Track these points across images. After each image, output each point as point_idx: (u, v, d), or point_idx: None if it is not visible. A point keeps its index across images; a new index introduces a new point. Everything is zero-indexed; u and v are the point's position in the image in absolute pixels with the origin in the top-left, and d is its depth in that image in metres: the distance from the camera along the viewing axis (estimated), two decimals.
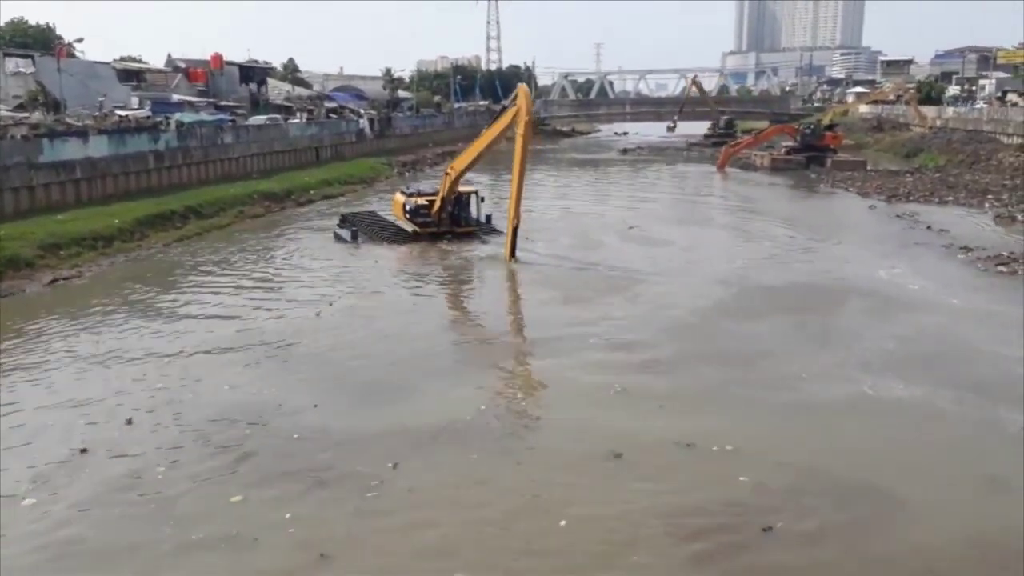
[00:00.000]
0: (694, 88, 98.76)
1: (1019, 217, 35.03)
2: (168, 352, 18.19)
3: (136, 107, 51.11)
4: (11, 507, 11.46)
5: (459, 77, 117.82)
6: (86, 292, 24.18)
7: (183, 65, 68.29)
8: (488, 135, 28.80)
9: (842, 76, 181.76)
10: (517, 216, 26.80)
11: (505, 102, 27.56)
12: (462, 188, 31.97)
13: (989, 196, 41.04)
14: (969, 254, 27.68)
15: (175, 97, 58.37)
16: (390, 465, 12.52)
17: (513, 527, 10.95)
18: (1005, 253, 27.22)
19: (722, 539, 10.58)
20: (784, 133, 66.75)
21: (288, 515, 11.17)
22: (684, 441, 13.29)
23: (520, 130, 26.55)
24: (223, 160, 44.95)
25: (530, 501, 11.57)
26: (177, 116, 47.18)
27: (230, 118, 52.88)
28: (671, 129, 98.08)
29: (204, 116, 50.71)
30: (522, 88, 28.39)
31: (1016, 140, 56.28)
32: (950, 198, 41.90)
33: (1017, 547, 10.45)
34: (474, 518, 11.18)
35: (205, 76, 66.68)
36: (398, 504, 11.58)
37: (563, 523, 10.93)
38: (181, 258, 29.23)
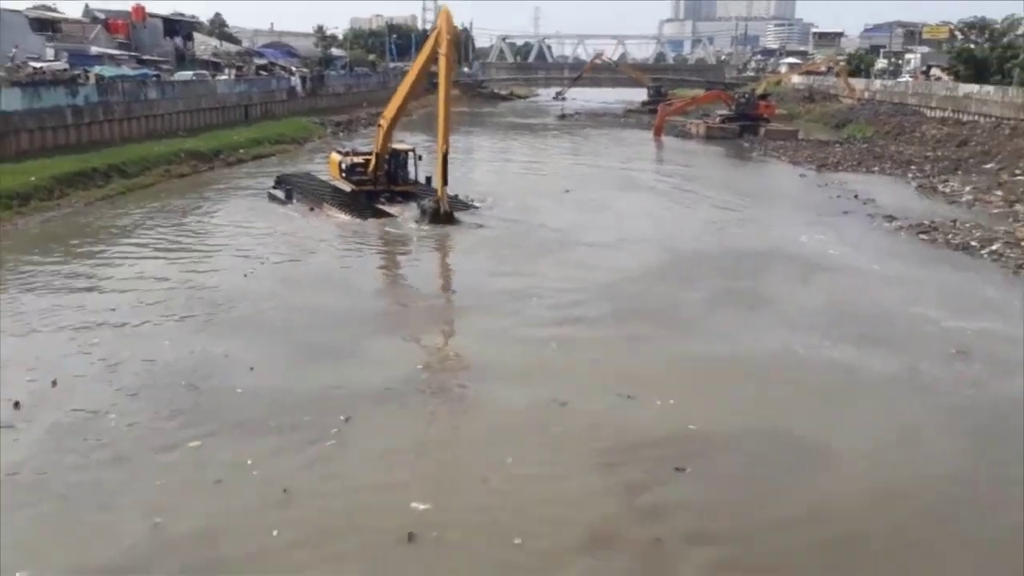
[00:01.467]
0: (597, 60, 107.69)
1: (940, 187, 36.32)
2: (97, 311, 17.56)
3: (52, 59, 48.46)
4: None
5: (395, 36, 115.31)
6: (1, 250, 22.98)
7: (102, 16, 64.92)
8: (412, 69, 28.33)
9: (776, 47, 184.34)
10: (446, 142, 26.36)
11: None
12: (399, 146, 31.38)
13: (912, 167, 42.44)
14: (893, 222, 28.59)
15: (94, 49, 55.52)
16: (342, 418, 12.60)
17: (465, 465, 11.76)
18: (926, 222, 28.21)
19: (635, 476, 11.25)
20: (719, 100, 67.86)
21: (249, 461, 11.34)
22: (624, 393, 13.68)
23: (443, 50, 26.13)
24: (147, 117, 43.04)
25: (480, 443, 12.28)
26: (97, 69, 44.99)
27: (154, 73, 50.74)
28: (559, 97, 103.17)
29: (126, 70, 48.54)
30: (443, 9, 27.84)
31: (939, 113, 58.26)
32: (876, 168, 43.18)
33: (922, 495, 11.02)
34: (429, 458, 11.92)
35: (126, 28, 63.60)
36: (356, 449, 11.91)
37: (509, 460, 11.61)
38: (105, 218, 28.04)
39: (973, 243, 25.20)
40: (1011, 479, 11.42)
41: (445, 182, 26.69)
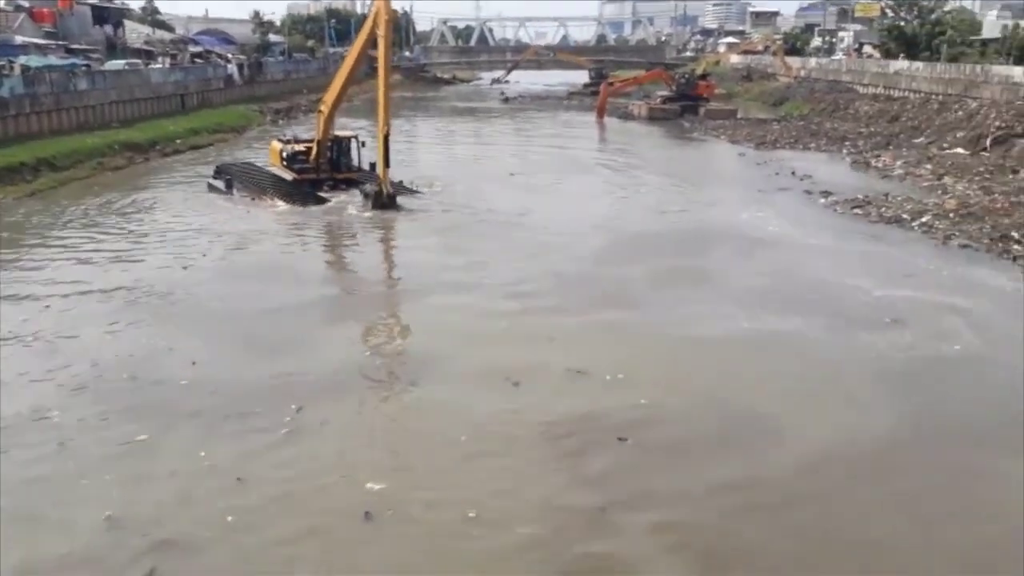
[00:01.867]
0: (533, 54, 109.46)
1: (873, 163, 37.39)
2: (31, 310, 17.12)
3: None
4: None
5: (334, 21, 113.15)
6: None
7: (26, 4, 62.36)
8: (351, 52, 28.05)
9: (715, 27, 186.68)
10: (387, 124, 26.20)
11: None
12: (341, 133, 30.99)
13: (847, 143, 43.58)
14: (829, 198, 29.38)
15: (19, 39, 53.30)
16: (294, 407, 12.56)
17: (418, 445, 11.88)
18: (860, 196, 29.05)
19: (583, 448, 11.60)
20: (660, 80, 68.64)
21: (202, 452, 11.29)
22: (575, 369, 14.04)
23: (381, 32, 25.95)
24: (78, 108, 41.56)
25: (432, 424, 12.41)
26: (22, 60, 43.19)
27: (84, 63, 49.00)
28: (498, 82, 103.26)
29: (54, 60, 46.73)
30: None
31: (871, 90, 59.78)
32: (812, 145, 44.24)
33: (855, 458, 11.49)
34: (382, 441, 12.05)
35: (53, 17, 61.14)
36: (309, 437, 11.89)
37: (463, 438, 11.87)
38: (35, 214, 27.12)
39: (904, 216, 26.06)
40: (943, 440, 12.07)
41: (387, 165, 26.50)
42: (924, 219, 25.45)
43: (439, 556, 9.28)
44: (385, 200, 26.62)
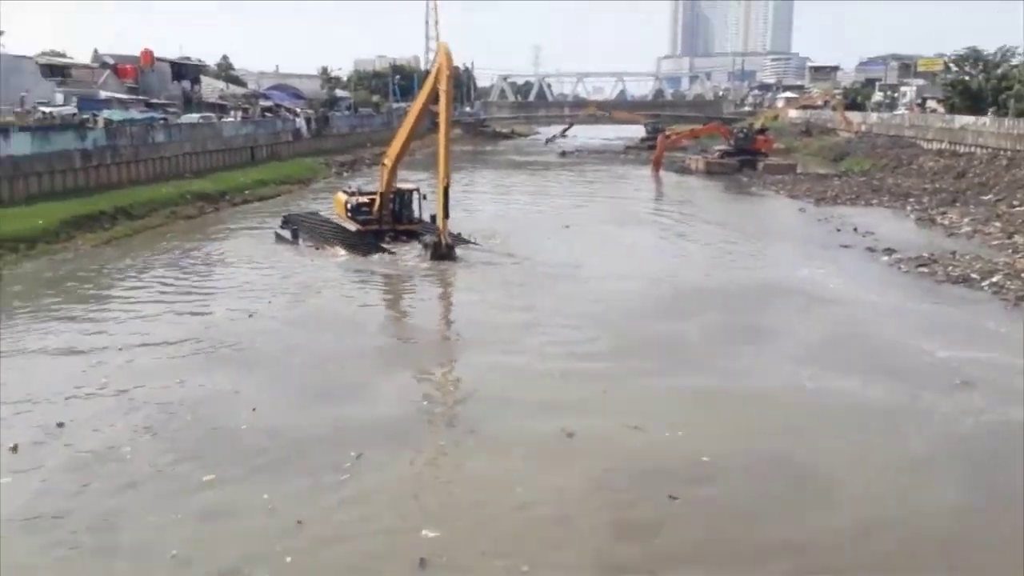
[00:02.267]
0: (590, 113, 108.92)
1: (938, 219, 36.61)
2: (104, 353, 17.88)
3: (61, 104, 49.28)
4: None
5: (398, 77, 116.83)
6: (8, 295, 23.24)
7: (111, 61, 66.09)
8: (414, 106, 28.83)
9: (773, 81, 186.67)
10: (447, 176, 26.68)
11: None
12: (403, 185, 31.87)
13: (911, 199, 42.79)
14: (892, 255, 28.82)
15: (103, 94, 56.48)
16: (353, 454, 12.83)
17: (474, 494, 11.97)
18: (926, 254, 28.42)
19: (631, 499, 11.72)
20: (718, 133, 68.73)
21: (265, 495, 11.61)
22: (631, 424, 14.00)
23: (443, 86, 26.53)
24: (154, 159, 43.71)
25: (488, 474, 12.59)
26: (106, 113, 45.64)
27: (161, 116, 51.48)
28: (556, 138, 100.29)
29: (134, 114, 49.24)
30: (441, 44, 28.38)
31: (935, 145, 58.84)
32: (875, 201, 43.54)
33: (915, 525, 11.16)
34: (439, 489, 12.28)
35: (135, 73, 64.67)
36: (368, 482, 12.15)
37: (519, 490, 11.94)
38: (111, 260, 28.33)
39: (973, 275, 25.37)
40: (1013, 512, 11.47)
41: (446, 216, 26.99)
42: (994, 279, 24.73)
43: None
44: (444, 251, 27.09)
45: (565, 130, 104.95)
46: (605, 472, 12.39)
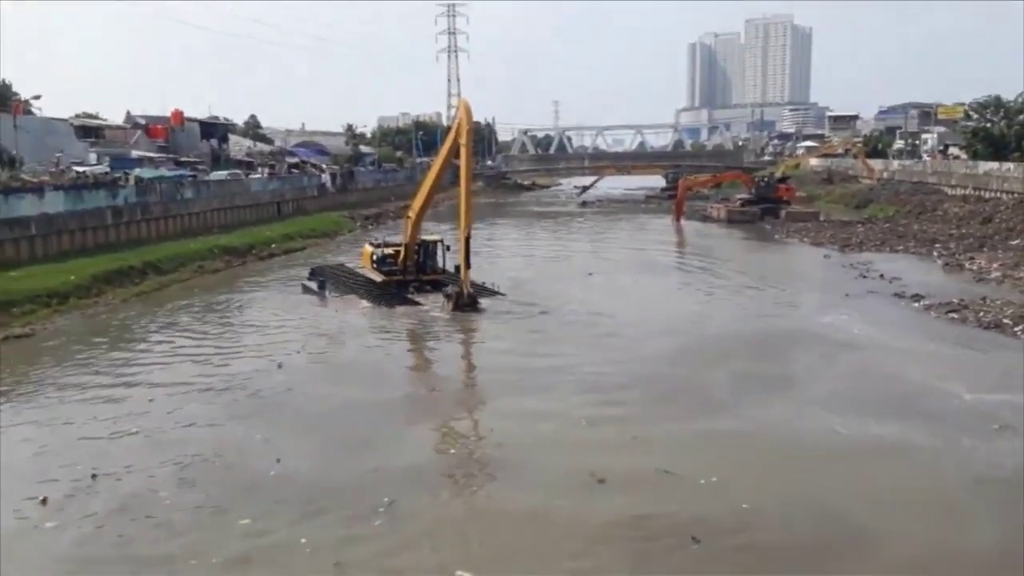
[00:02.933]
0: (611, 172, 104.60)
1: (967, 265, 36.21)
2: (135, 404, 18.15)
3: (94, 163, 50.61)
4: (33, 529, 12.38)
5: (421, 132, 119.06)
6: (41, 350, 23.56)
7: (143, 121, 68.01)
8: (436, 160, 29.58)
9: (792, 131, 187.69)
10: (468, 227, 26.91)
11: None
12: (427, 237, 32.29)
13: (937, 245, 42.40)
14: (921, 302, 28.47)
15: (134, 153, 58.00)
16: (386, 500, 12.94)
17: (507, 537, 12.16)
18: (955, 300, 28.04)
19: (654, 543, 11.81)
20: (739, 180, 68.99)
21: (303, 539, 11.80)
22: (663, 469, 14.00)
23: (463, 140, 27.22)
24: (183, 215, 44.63)
25: (520, 518, 12.65)
26: (136, 172, 46.83)
27: (191, 174, 52.67)
28: (586, 191, 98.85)
29: (164, 172, 50.44)
30: (462, 100, 29.59)
31: (959, 191, 58.53)
32: (900, 247, 43.21)
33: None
34: (472, 533, 12.42)
35: (165, 132, 66.45)
36: (401, 526, 12.33)
37: (555, 534, 12.05)
38: (140, 314, 28.72)
39: (1006, 320, 24.95)
40: None
41: (468, 266, 27.14)
42: None
43: None
44: (466, 301, 27.16)
45: (595, 182, 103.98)
46: (636, 518, 12.27)
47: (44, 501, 13.10)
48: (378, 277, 31.03)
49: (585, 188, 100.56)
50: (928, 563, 11.14)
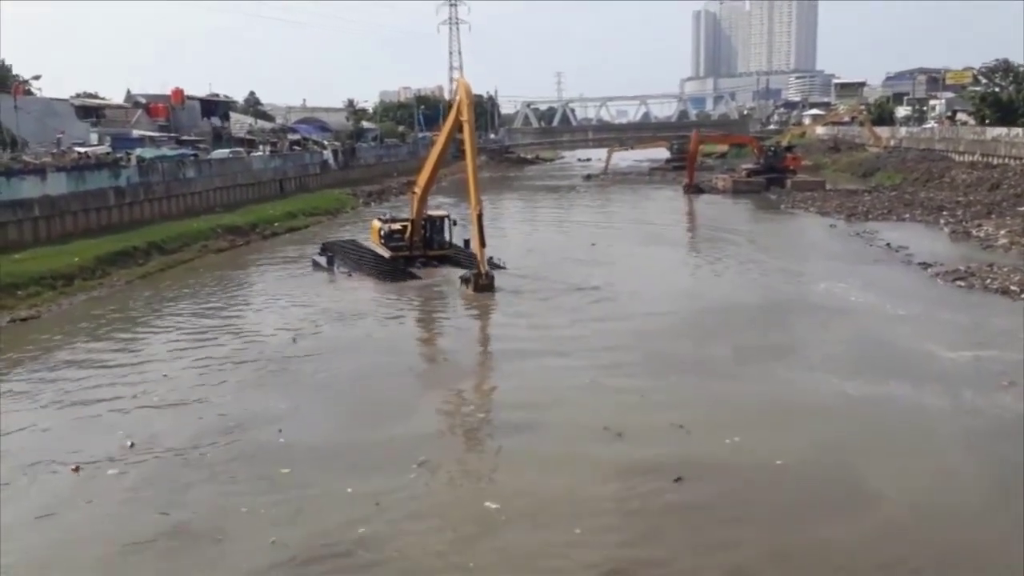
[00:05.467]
0: (615, 149, 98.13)
1: (974, 232, 35.93)
2: (152, 374, 18.76)
3: (95, 143, 50.46)
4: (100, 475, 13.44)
5: (422, 107, 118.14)
6: (47, 330, 23.57)
7: (143, 100, 67.73)
8: (440, 137, 29.75)
9: (798, 99, 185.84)
10: (479, 203, 26.82)
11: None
12: (434, 212, 32.38)
13: (944, 212, 42.08)
14: (928, 269, 28.31)
15: (135, 132, 57.79)
16: (420, 458, 13.63)
17: (533, 480, 13.01)
18: (962, 267, 27.88)
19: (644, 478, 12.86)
20: (751, 146, 68.26)
21: (349, 489, 12.64)
22: (677, 423, 14.81)
23: (465, 117, 27.39)
24: (186, 195, 44.49)
25: (546, 464, 13.54)
26: (138, 151, 46.66)
27: (192, 152, 52.47)
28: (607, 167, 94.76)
29: (166, 151, 50.26)
30: (461, 80, 29.86)
31: (967, 157, 57.94)
32: (907, 215, 42.93)
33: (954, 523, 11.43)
34: (498, 477, 13.38)
35: (166, 111, 66.16)
36: (435, 479, 13.21)
37: (571, 474, 13.03)
38: (145, 295, 28.77)
39: (1013, 287, 24.81)
40: None
41: (483, 244, 26.72)
42: None
43: (549, 558, 10.75)
44: (484, 281, 26.72)
45: (609, 158, 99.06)
46: (658, 464, 13.15)
47: (76, 469, 13.58)
48: (386, 253, 31.30)
49: (607, 162, 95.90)
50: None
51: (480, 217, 26.76)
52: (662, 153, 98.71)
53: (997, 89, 70.21)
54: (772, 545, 10.87)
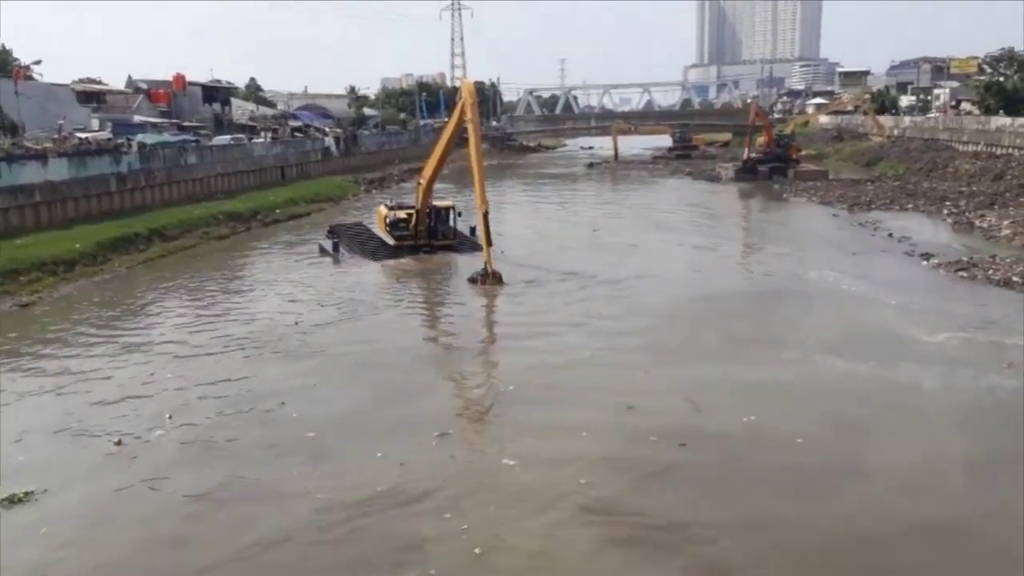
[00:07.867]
0: (617, 130, 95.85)
1: (977, 223, 35.83)
2: (162, 357, 19.22)
3: (97, 129, 50.33)
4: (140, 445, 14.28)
5: (424, 94, 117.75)
6: (49, 315, 23.64)
7: (144, 86, 67.48)
8: (444, 134, 30.17)
9: (802, 87, 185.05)
10: (484, 201, 26.88)
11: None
12: (439, 203, 32.57)
13: (947, 203, 41.96)
14: (930, 260, 28.26)
15: (137, 118, 57.61)
16: (440, 431, 14.49)
17: (556, 443, 14.03)
18: (964, 258, 27.82)
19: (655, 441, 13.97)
20: (762, 130, 67.07)
21: (379, 453, 13.66)
22: (689, 398, 15.75)
23: (468, 115, 27.82)
24: (187, 181, 44.40)
25: (571, 430, 14.47)
26: (139, 137, 46.53)
27: (193, 139, 52.34)
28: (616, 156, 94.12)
29: (167, 137, 50.12)
30: (464, 81, 30.53)
31: (971, 147, 57.72)
32: (910, 205, 42.80)
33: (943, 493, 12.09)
34: (518, 441, 14.24)
35: (167, 97, 65.94)
36: (457, 445, 14.25)
37: (583, 433, 14.26)
38: (147, 281, 28.81)
39: (1015, 279, 24.75)
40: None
41: (490, 243, 26.65)
42: None
43: (556, 499, 11.98)
44: (492, 282, 26.50)
45: (615, 143, 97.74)
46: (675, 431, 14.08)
47: (119, 443, 14.17)
48: (391, 240, 31.59)
49: (614, 150, 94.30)
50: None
51: (487, 216, 26.76)
52: (664, 141, 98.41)
53: (1002, 78, 69.85)
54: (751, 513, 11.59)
